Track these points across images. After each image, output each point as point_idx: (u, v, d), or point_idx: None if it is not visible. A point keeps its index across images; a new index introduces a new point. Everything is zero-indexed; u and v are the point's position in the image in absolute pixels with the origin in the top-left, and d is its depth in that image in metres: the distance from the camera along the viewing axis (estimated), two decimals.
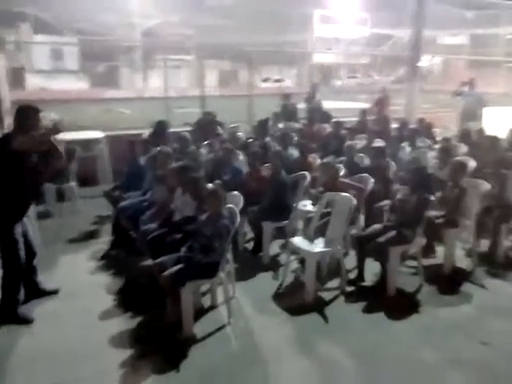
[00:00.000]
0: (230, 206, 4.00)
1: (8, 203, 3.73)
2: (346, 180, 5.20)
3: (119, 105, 22.30)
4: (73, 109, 18.78)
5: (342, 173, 5.42)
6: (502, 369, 3.46)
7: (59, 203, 6.65)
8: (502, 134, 7.15)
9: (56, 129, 3.71)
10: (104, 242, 5.64)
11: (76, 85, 30.34)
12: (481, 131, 7.82)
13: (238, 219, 3.88)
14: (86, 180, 7.60)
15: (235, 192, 4.48)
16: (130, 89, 31.63)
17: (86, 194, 7.10)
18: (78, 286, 4.50)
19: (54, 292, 4.30)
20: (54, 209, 6.52)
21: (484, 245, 5.36)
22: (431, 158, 6.68)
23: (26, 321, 3.87)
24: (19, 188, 3.73)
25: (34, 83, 28.33)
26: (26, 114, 3.66)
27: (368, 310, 4.19)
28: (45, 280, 4.35)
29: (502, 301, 4.44)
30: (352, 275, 4.72)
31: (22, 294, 3.98)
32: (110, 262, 5.10)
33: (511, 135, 7.20)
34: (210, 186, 4.49)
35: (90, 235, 5.90)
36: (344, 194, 4.61)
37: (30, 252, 4.02)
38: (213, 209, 3.79)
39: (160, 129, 7.43)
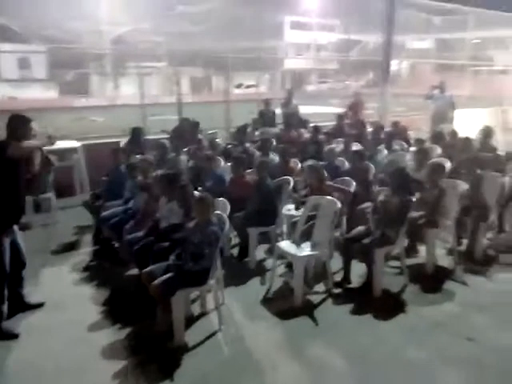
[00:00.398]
0: (219, 212, 4.00)
1: (1, 210, 3.66)
2: (331, 183, 5.25)
3: (91, 113, 22.00)
4: (43, 118, 18.40)
5: None
6: (489, 363, 3.55)
7: (36, 214, 6.51)
8: (472, 135, 7.37)
9: (50, 140, 3.84)
10: (85, 252, 5.56)
11: (45, 93, 29.73)
12: (453, 133, 8.04)
13: (227, 225, 3.88)
14: (63, 190, 7.46)
15: (221, 198, 4.49)
16: (101, 97, 31.18)
17: (62, 205, 6.97)
18: (63, 299, 4.41)
19: (40, 305, 4.20)
20: (31, 220, 6.35)
21: (463, 244, 5.51)
22: (408, 160, 6.85)
23: (10, 336, 3.77)
24: (12, 195, 3.69)
25: (1, 92, 27.60)
26: (18, 123, 3.69)
27: (355, 311, 4.25)
28: (28, 293, 4.25)
29: (482, 297, 4.56)
30: (337, 277, 4.77)
31: (5, 308, 3.87)
32: (93, 272, 5.02)
33: (482, 136, 7.41)
34: (196, 193, 4.48)
35: (71, 246, 5.78)
36: (329, 197, 4.67)
37: (19, 262, 3.93)
38: (201, 216, 3.78)
39: (136, 136, 7.38)
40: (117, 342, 3.75)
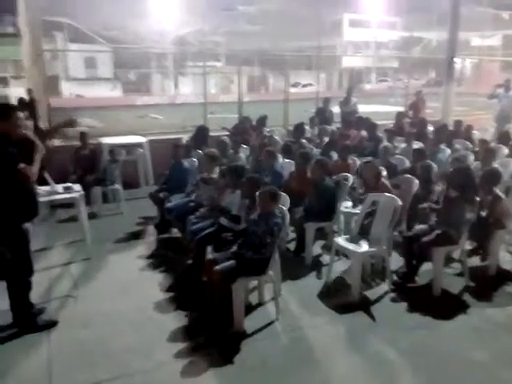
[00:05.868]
0: (280, 205, 4.09)
1: (17, 202, 3.52)
2: (387, 182, 5.21)
3: (152, 111, 22.79)
4: (108, 115, 19.36)
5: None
6: None
7: (104, 204, 6.91)
8: None
9: (69, 122, 4.15)
10: (150, 241, 5.84)
11: (110, 92, 31.09)
12: None
13: (288, 219, 3.98)
14: (128, 183, 7.83)
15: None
16: (162, 95, 32.20)
17: (128, 197, 7.31)
18: (129, 284, 4.66)
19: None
20: (99, 210, 6.75)
21: None
22: (472, 160, 6.66)
23: (48, 326, 3.86)
24: (19, 192, 3.52)
25: (69, 91, 29.17)
26: (4, 112, 3.54)
27: (414, 309, 4.20)
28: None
29: None
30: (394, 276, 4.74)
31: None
32: (157, 260, 5.26)
33: None
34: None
35: (136, 235, 6.08)
36: (389, 194, 4.65)
37: None
38: (266, 208, 3.88)
39: (201, 133, 7.64)
40: (179, 325, 3.93)
